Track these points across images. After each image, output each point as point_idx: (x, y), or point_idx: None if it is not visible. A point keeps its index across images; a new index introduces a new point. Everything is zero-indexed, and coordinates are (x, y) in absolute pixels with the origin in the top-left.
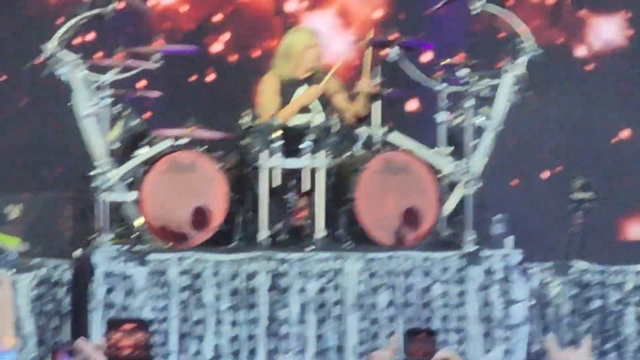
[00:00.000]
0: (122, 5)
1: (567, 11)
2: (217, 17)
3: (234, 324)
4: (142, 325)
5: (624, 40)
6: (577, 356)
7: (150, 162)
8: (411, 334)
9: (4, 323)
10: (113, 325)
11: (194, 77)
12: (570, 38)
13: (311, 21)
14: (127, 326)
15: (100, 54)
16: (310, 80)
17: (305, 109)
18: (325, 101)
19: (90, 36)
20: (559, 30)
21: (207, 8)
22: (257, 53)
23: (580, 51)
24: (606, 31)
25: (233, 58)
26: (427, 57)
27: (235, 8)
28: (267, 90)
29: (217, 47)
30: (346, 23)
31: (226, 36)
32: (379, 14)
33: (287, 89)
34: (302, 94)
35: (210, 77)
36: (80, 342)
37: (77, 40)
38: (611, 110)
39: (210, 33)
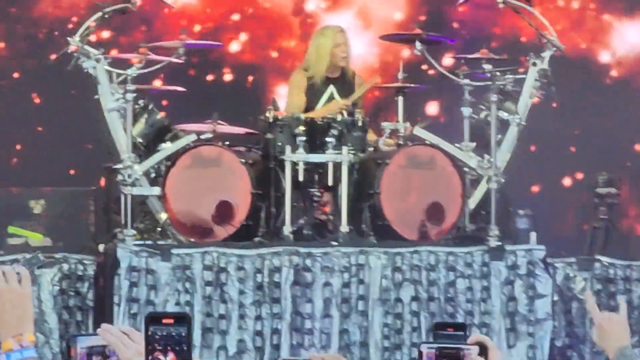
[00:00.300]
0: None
1: (591, 16)
2: (235, 17)
3: (257, 318)
4: (182, 318)
5: None
6: (616, 317)
7: (174, 157)
8: (438, 326)
9: (23, 319)
10: (152, 319)
11: (211, 77)
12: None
13: (334, 20)
14: (167, 320)
15: (115, 50)
16: (340, 80)
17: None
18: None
19: (109, 33)
20: (582, 34)
21: (225, 8)
22: (274, 54)
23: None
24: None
25: (250, 58)
26: (450, 52)
27: (254, 8)
28: (294, 87)
29: (234, 46)
30: (366, 24)
31: (244, 36)
32: (399, 14)
33: (317, 87)
34: (331, 105)
35: (228, 76)
36: (105, 329)
37: (98, 36)
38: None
39: (228, 32)
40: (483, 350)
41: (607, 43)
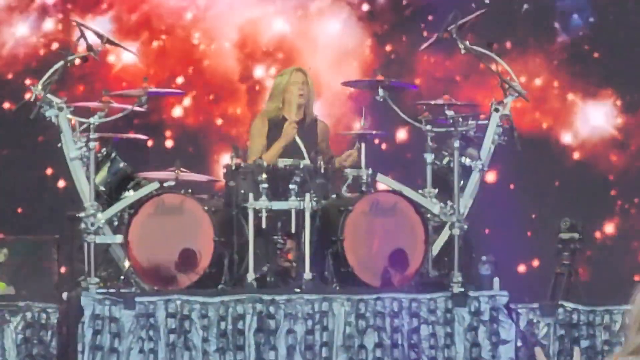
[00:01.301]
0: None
1: (554, 94)
2: (179, 80)
3: None
4: None
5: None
6: None
7: (137, 205)
8: None
9: None
10: None
11: (150, 142)
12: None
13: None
14: None
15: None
16: (300, 122)
17: (294, 151)
18: (312, 144)
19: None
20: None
21: (169, 69)
22: (219, 120)
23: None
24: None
25: (193, 123)
26: (412, 98)
27: (199, 72)
28: (255, 133)
29: (176, 111)
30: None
31: (187, 100)
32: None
33: (276, 129)
34: (285, 131)
35: (169, 142)
36: None
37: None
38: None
39: (171, 96)
40: None
41: (570, 123)
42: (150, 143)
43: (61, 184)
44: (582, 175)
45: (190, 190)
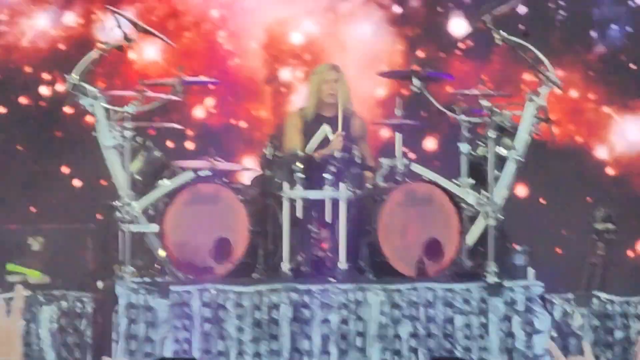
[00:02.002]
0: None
1: (589, 107)
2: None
3: (256, 355)
4: None
5: None
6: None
7: (172, 194)
8: None
9: (9, 355)
10: None
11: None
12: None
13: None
14: None
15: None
16: (335, 119)
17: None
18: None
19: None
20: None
21: (192, 68)
22: (243, 123)
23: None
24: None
25: (216, 125)
26: (449, 88)
27: (223, 72)
28: (290, 128)
29: (198, 112)
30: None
31: (210, 101)
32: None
33: (311, 126)
34: (330, 145)
35: (189, 144)
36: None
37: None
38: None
39: (192, 95)
40: None
41: (604, 137)
42: (171, 144)
43: (99, 173)
44: (615, 191)
45: (225, 180)
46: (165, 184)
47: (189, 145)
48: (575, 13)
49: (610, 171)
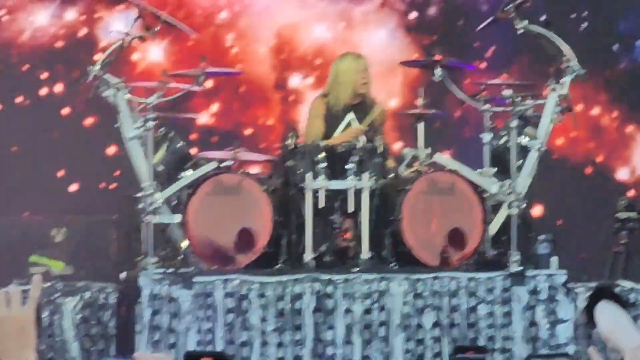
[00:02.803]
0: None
1: (612, 126)
2: (208, 84)
3: (279, 345)
4: (221, 358)
5: None
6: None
7: (195, 185)
8: (459, 350)
9: (24, 346)
10: (190, 358)
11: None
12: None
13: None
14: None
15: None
16: (359, 105)
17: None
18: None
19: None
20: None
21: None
22: (248, 130)
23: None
24: None
25: (221, 132)
26: (471, 77)
27: (230, 77)
28: (313, 114)
29: (203, 117)
30: None
31: (215, 106)
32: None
33: (336, 114)
34: (348, 131)
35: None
36: (140, 354)
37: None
38: None
39: (198, 98)
40: None
41: (627, 158)
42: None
43: (121, 164)
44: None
45: (248, 170)
46: (188, 175)
47: (192, 150)
48: (598, 24)
49: (631, 193)
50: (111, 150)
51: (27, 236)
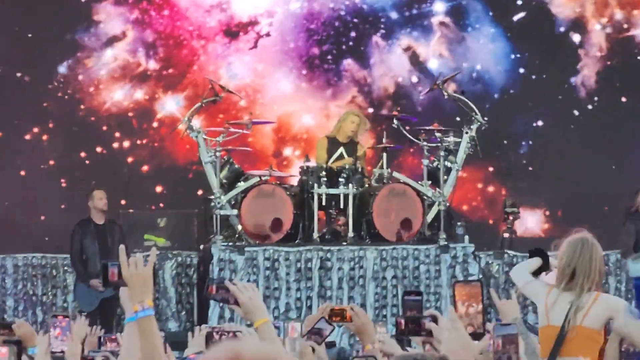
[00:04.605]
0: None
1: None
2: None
3: (297, 290)
4: None
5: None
6: (510, 304)
7: (246, 191)
8: (407, 293)
9: (145, 291)
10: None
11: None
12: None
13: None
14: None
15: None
16: (348, 144)
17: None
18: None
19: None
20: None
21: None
22: None
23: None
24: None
25: None
26: (415, 125)
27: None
28: (319, 148)
29: None
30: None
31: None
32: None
33: (333, 148)
34: (342, 161)
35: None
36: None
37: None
38: None
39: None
40: (434, 319)
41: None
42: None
43: (201, 178)
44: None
45: (279, 182)
46: (241, 185)
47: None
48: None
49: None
50: (197, 170)
51: (143, 223)
